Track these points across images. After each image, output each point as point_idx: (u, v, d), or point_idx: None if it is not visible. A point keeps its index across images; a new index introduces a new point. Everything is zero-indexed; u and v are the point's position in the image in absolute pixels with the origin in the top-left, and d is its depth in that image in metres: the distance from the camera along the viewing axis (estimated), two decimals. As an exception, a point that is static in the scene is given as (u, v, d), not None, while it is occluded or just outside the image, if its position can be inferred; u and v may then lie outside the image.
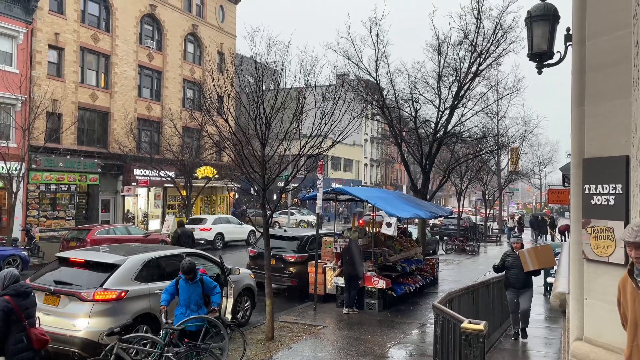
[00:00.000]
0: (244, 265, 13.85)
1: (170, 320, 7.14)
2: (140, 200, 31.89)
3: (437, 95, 17.82)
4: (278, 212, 36.22)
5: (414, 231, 20.11)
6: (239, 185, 31.00)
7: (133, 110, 30.58)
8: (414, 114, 18.43)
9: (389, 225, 12.64)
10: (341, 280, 12.33)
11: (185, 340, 6.98)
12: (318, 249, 13.20)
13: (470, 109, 18.89)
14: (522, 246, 10.15)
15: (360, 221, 15.01)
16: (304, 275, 13.44)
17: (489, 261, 22.39)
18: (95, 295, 7.58)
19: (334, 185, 36.12)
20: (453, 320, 5.78)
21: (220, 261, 9.84)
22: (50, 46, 26.20)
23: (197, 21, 35.54)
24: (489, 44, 16.63)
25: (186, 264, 7.23)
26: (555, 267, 12.18)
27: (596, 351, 4.05)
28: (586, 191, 4.20)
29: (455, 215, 31.70)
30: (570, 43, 4.80)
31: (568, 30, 5.52)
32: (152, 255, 8.89)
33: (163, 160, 27.48)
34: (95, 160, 28.16)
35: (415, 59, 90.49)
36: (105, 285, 7.75)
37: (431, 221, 30.41)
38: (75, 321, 7.48)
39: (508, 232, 37.12)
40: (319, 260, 12.85)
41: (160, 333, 6.90)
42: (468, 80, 17.15)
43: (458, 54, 17.44)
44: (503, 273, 10.32)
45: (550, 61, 6.65)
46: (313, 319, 11.34)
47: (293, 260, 13.76)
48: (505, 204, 52.51)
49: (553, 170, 57.53)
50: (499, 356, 9.02)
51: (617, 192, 3.94)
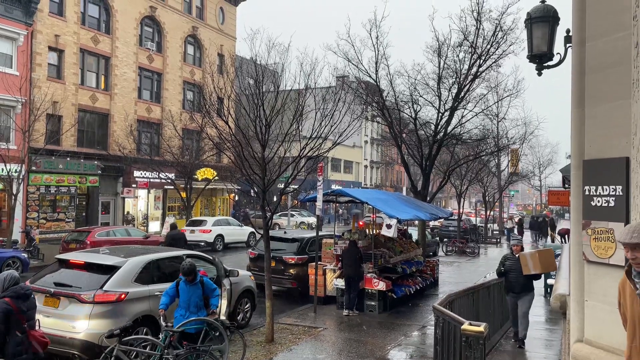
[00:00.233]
0: (244, 267, 13.85)
1: (170, 323, 7.14)
2: (140, 202, 31.90)
3: (437, 97, 17.83)
4: (278, 214, 36.21)
5: (414, 233, 20.10)
6: (239, 187, 31.00)
7: (133, 112, 30.59)
8: (414, 115, 18.44)
9: (389, 226, 12.64)
10: (341, 282, 12.32)
11: (184, 342, 6.97)
12: (318, 250, 13.19)
13: (470, 111, 18.92)
14: (522, 249, 9.80)
15: (360, 223, 15.02)
16: (304, 277, 13.44)
17: (489, 263, 22.40)
18: (95, 297, 7.58)
19: (334, 186, 36.05)
20: (453, 322, 5.77)
21: (213, 260, 9.84)
22: (51, 48, 26.23)
23: (197, 23, 35.58)
24: (488, 46, 16.64)
25: (186, 265, 7.23)
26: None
27: (597, 353, 4.04)
28: (586, 192, 4.19)
29: (456, 217, 31.70)
30: (570, 44, 4.80)
31: (568, 31, 5.53)
32: (152, 257, 8.89)
33: (163, 162, 27.48)
34: (95, 162, 28.17)
35: (415, 60, 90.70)
36: (105, 287, 7.75)
37: (431, 223, 30.42)
38: (75, 323, 7.48)
39: (507, 234, 37.11)
40: (319, 262, 12.85)
41: (160, 335, 6.89)
42: (468, 81, 17.15)
43: (458, 56, 17.47)
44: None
45: (550, 63, 6.66)
46: (313, 321, 11.34)
47: (293, 262, 13.75)
48: (506, 205, 52.51)
49: (553, 171, 57.56)
50: (499, 358, 9.02)
51: (617, 194, 3.93)
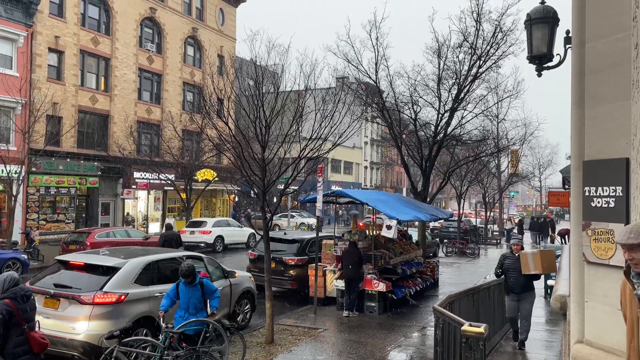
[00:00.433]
0: (244, 268, 13.84)
1: (170, 324, 7.13)
2: (140, 203, 31.90)
3: (437, 98, 17.82)
4: (278, 215, 36.20)
5: (414, 234, 20.09)
6: (239, 188, 31.01)
7: (133, 113, 30.60)
8: (413, 116, 18.44)
9: (389, 227, 12.64)
10: (341, 283, 12.31)
11: (184, 344, 6.96)
12: (318, 251, 13.19)
13: (470, 112, 18.90)
14: (523, 248, 9.68)
15: (360, 224, 15.00)
16: (304, 278, 13.43)
17: (490, 264, 22.38)
18: (95, 299, 7.58)
19: (334, 187, 36.07)
20: (453, 323, 5.77)
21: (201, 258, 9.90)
22: (51, 49, 26.25)
23: (197, 24, 35.60)
24: (488, 47, 16.64)
25: (184, 267, 7.22)
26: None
27: (597, 354, 4.04)
28: (586, 193, 4.19)
29: (456, 218, 31.70)
30: (570, 45, 4.80)
31: (567, 32, 5.53)
32: (152, 258, 8.89)
33: (163, 163, 27.48)
34: (95, 163, 28.18)
35: (415, 61, 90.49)
36: (105, 289, 7.75)
37: (431, 224, 30.43)
38: (75, 324, 7.48)
39: (507, 235, 37.09)
40: (319, 263, 12.84)
41: (160, 336, 6.89)
42: (468, 82, 17.15)
43: (458, 57, 17.46)
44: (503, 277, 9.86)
45: (550, 64, 6.67)
46: (313, 322, 11.33)
47: (293, 263, 13.74)
48: (506, 206, 52.48)
49: (553, 172, 57.56)
50: (499, 359, 9.01)
51: (618, 195, 3.93)
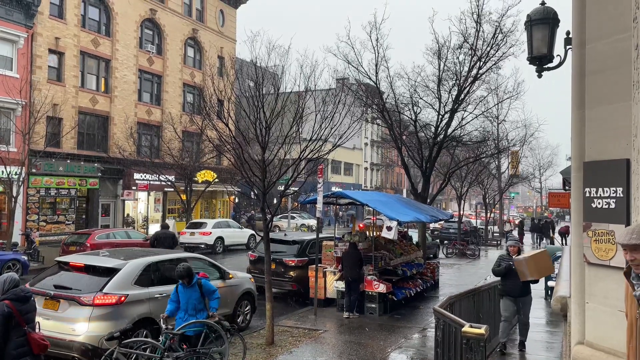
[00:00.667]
0: (244, 270, 13.83)
1: (170, 325, 7.13)
2: (140, 204, 31.90)
3: (437, 99, 17.82)
4: (278, 216, 36.18)
5: (415, 235, 20.07)
6: (239, 189, 31.00)
7: (133, 114, 30.62)
8: (414, 117, 18.44)
9: (389, 229, 12.63)
10: (341, 285, 12.30)
11: (184, 345, 6.95)
12: (318, 253, 13.18)
13: (471, 113, 18.88)
14: (519, 250, 9.45)
15: (361, 225, 14.99)
16: (304, 279, 13.42)
17: (490, 265, 22.29)
18: (95, 300, 7.57)
19: (334, 189, 36.00)
20: (454, 324, 5.76)
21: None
22: (51, 51, 26.26)
23: (197, 25, 35.63)
24: (488, 48, 16.63)
25: (180, 268, 7.19)
26: (556, 271, 12.09)
27: (598, 355, 4.03)
28: (587, 194, 4.19)
29: (456, 219, 31.66)
30: (570, 46, 4.80)
31: (568, 33, 5.53)
32: (152, 259, 8.88)
33: (163, 164, 27.48)
34: (96, 164, 28.18)
35: (415, 62, 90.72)
36: (105, 290, 7.75)
37: (432, 225, 30.39)
38: (75, 326, 7.48)
39: (506, 237, 37.05)
40: (319, 265, 12.83)
41: (160, 338, 6.88)
42: (468, 83, 17.14)
43: (458, 58, 17.46)
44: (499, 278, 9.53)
45: (550, 64, 6.66)
46: (313, 324, 11.32)
47: (293, 264, 13.73)
48: (506, 207, 52.44)
49: (553, 173, 57.45)
50: (500, 360, 8.99)
51: (618, 196, 3.93)
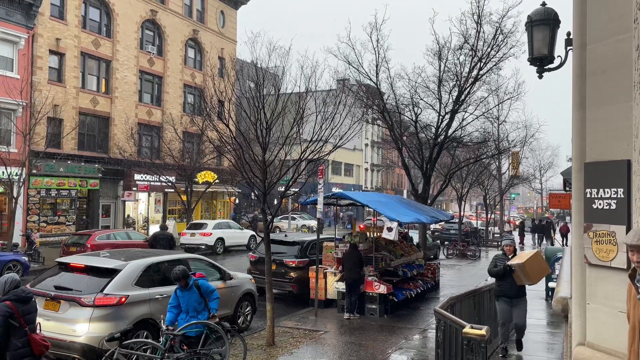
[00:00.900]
0: (245, 270, 13.83)
1: (171, 326, 7.12)
2: (140, 205, 31.91)
3: (438, 100, 17.83)
4: (279, 217, 36.18)
5: (415, 236, 20.07)
6: (240, 190, 31.01)
7: (134, 115, 30.63)
8: (414, 118, 18.45)
9: (389, 230, 12.65)
10: (342, 286, 12.29)
11: (184, 346, 6.95)
12: (319, 253, 13.18)
13: (471, 114, 18.92)
14: (515, 250, 9.42)
15: (361, 226, 14.98)
16: (304, 280, 13.41)
17: (490, 266, 22.31)
18: (95, 301, 7.57)
19: (335, 189, 36.03)
20: (455, 325, 5.76)
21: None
22: (51, 51, 26.29)
23: (198, 26, 35.65)
24: (489, 49, 16.65)
25: (176, 271, 7.16)
26: (557, 272, 12.09)
27: (598, 356, 4.03)
28: (587, 195, 4.19)
29: (456, 220, 31.65)
30: (571, 47, 4.79)
31: (568, 34, 5.52)
32: (153, 260, 8.88)
33: (164, 165, 27.50)
34: (96, 165, 28.19)
35: (416, 63, 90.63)
36: (105, 291, 7.75)
37: (432, 226, 30.40)
38: (75, 326, 7.48)
39: (502, 236, 37.03)
40: (319, 265, 12.83)
41: (161, 339, 6.88)
42: (468, 84, 17.16)
43: (458, 59, 17.49)
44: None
45: (551, 65, 6.65)
46: (314, 325, 11.31)
47: (294, 265, 13.73)
48: (507, 208, 52.44)
49: (554, 174, 57.46)
50: (500, 361, 8.98)
51: (619, 197, 3.93)
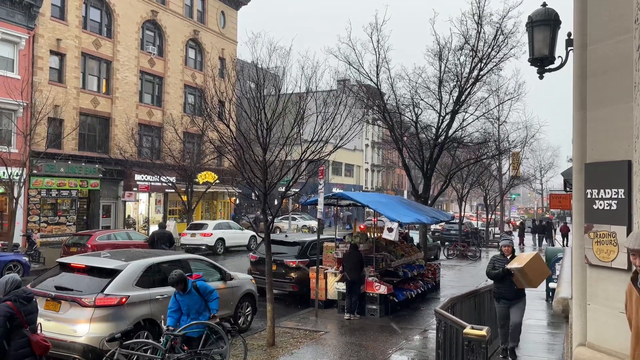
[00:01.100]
0: (245, 271, 13.83)
1: (172, 327, 7.12)
2: (141, 205, 31.91)
3: (438, 100, 17.83)
4: (279, 218, 36.18)
5: (416, 236, 20.06)
6: (240, 191, 31.01)
7: (134, 115, 30.65)
8: (415, 119, 18.45)
9: (390, 230, 12.63)
10: (342, 286, 12.29)
11: (185, 347, 6.95)
12: (319, 254, 13.17)
13: (472, 114, 18.91)
14: (513, 250, 9.35)
15: (362, 226, 14.98)
16: (305, 280, 13.41)
17: (491, 266, 22.30)
18: (96, 301, 7.58)
19: (335, 190, 36.06)
20: (455, 325, 5.76)
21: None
22: (52, 52, 26.30)
23: (199, 27, 35.67)
24: (489, 49, 16.63)
25: (173, 275, 7.12)
26: (557, 272, 12.07)
27: (599, 357, 4.03)
28: (588, 196, 4.19)
29: (457, 221, 31.64)
30: (572, 48, 4.80)
31: (569, 35, 5.52)
32: (153, 260, 8.88)
33: (164, 165, 27.50)
34: (97, 165, 28.20)
35: (416, 64, 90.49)
36: (106, 291, 7.75)
37: (432, 226, 30.39)
38: (76, 327, 7.48)
39: (500, 236, 37.00)
40: (320, 266, 12.83)
41: (162, 339, 6.88)
42: (469, 85, 17.15)
43: (459, 59, 17.47)
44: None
45: (551, 66, 6.65)
46: (314, 325, 11.31)
47: (294, 265, 13.73)
48: (507, 209, 52.42)
49: (554, 175, 57.40)
50: (501, 362, 8.97)
51: (620, 197, 3.93)
